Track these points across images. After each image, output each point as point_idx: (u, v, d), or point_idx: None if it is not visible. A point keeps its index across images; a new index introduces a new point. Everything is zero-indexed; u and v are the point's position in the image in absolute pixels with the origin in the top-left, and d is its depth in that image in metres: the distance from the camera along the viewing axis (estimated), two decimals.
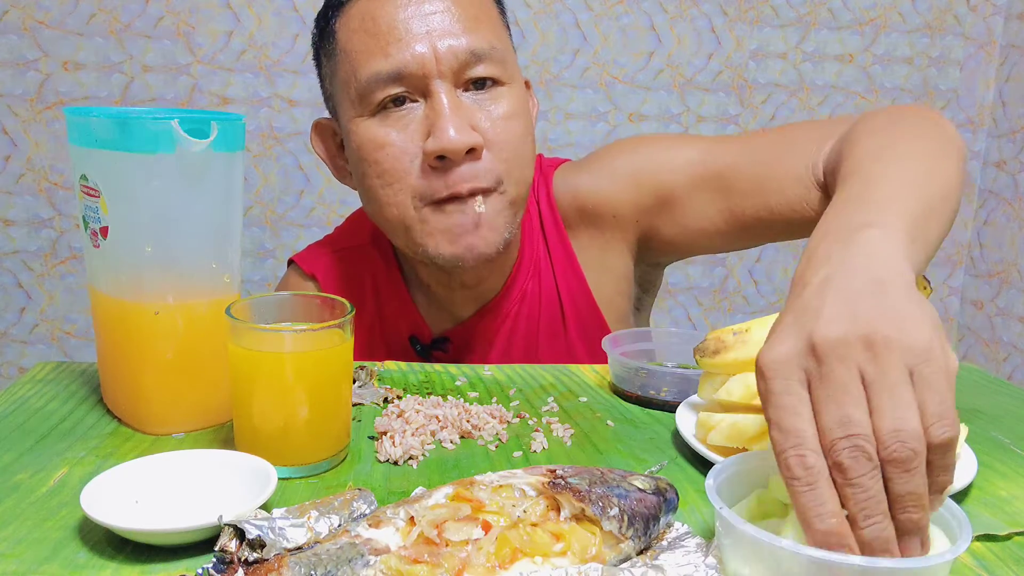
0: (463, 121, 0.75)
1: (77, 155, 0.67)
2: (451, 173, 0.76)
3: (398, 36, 0.74)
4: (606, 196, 0.89)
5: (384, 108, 0.77)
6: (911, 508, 0.43)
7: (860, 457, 0.42)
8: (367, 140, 0.78)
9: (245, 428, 0.63)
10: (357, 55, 0.76)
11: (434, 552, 0.46)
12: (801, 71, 2.14)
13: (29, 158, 1.95)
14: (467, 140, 0.74)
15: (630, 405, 0.80)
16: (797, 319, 0.46)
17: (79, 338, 2.08)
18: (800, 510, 0.43)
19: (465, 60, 0.76)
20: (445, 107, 0.74)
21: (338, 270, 0.93)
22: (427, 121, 0.76)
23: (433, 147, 0.74)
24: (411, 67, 0.75)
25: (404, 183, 0.77)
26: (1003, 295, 2.19)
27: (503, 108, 0.78)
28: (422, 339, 0.91)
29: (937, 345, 0.44)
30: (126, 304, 0.67)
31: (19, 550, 0.51)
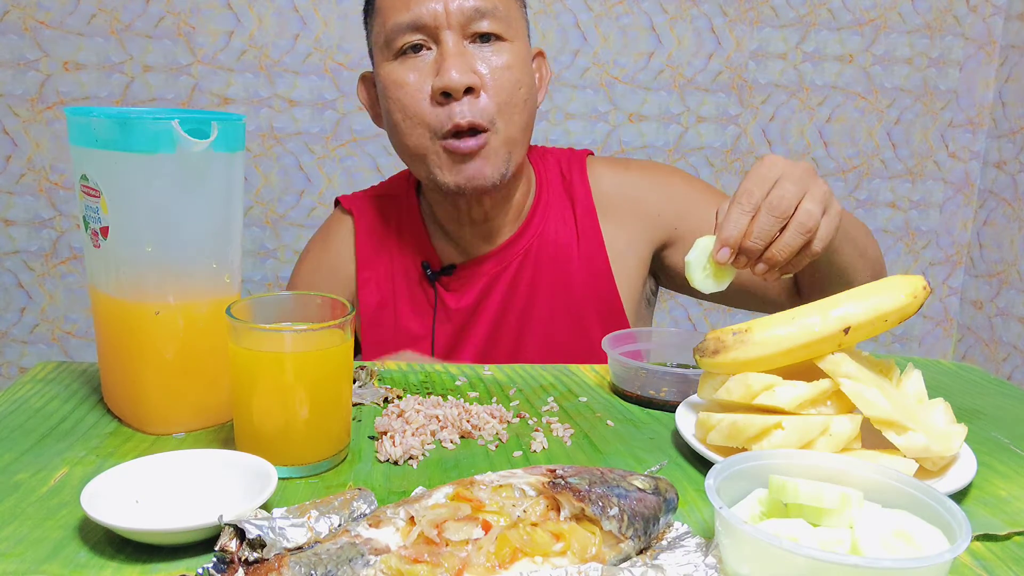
0: (464, 65, 0.89)
1: (77, 155, 0.67)
2: (453, 107, 0.89)
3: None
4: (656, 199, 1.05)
5: (403, 53, 0.92)
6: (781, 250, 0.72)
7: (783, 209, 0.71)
8: (390, 81, 0.92)
9: (245, 428, 0.63)
10: (386, 10, 0.92)
11: (434, 552, 0.46)
12: (801, 71, 2.14)
13: (30, 158, 1.95)
14: (465, 80, 0.88)
15: (630, 405, 0.80)
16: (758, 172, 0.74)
17: (79, 338, 2.08)
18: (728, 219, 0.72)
19: (470, 15, 0.90)
20: (450, 51, 0.89)
21: (371, 211, 1.09)
22: (436, 64, 0.90)
23: (438, 84, 0.89)
24: (425, 18, 0.89)
25: (418, 116, 0.91)
26: (1003, 295, 2.19)
27: (502, 59, 0.92)
28: (432, 267, 1.05)
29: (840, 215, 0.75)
30: (126, 304, 0.67)
31: (19, 550, 0.51)
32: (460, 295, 1.04)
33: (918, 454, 0.60)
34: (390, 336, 1.05)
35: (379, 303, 1.06)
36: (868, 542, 0.48)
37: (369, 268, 1.06)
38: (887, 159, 2.23)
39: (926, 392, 0.68)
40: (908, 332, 2.37)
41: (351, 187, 2.04)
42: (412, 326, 1.05)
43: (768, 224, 0.71)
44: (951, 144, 2.24)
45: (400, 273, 1.06)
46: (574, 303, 1.04)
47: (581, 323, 1.04)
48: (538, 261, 1.03)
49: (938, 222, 2.30)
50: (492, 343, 1.04)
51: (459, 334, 1.04)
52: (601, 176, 1.07)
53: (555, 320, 1.04)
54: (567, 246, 1.04)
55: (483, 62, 0.90)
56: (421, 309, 1.05)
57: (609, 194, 1.06)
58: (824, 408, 0.64)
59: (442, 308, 1.04)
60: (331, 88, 1.99)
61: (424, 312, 1.05)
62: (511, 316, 1.04)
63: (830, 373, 0.64)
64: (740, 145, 2.16)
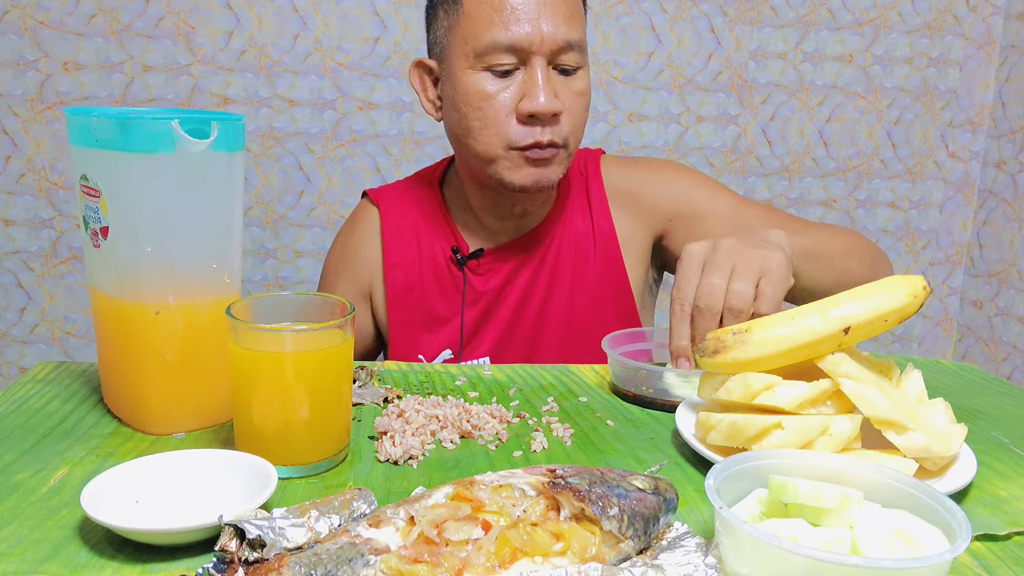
0: (551, 91, 0.97)
1: (77, 155, 0.67)
2: (535, 128, 0.97)
3: (517, 16, 0.96)
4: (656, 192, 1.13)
5: (491, 68, 0.97)
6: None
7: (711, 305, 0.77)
8: (475, 90, 0.98)
9: (245, 428, 0.63)
10: (480, 22, 0.97)
11: (434, 552, 0.46)
12: (801, 71, 2.14)
13: (29, 158, 1.95)
14: (552, 106, 0.96)
15: (630, 405, 0.80)
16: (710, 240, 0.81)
17: (79, 338, 2.08)
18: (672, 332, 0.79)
19: (561, 46, 0.97)
20: (540, 79, 0.96)
21: (397, 201, 1.16)
22: (523, 86, 0.97)
23: (528, 108, 0.96)
24: (523, 43, 0.95)
25: (498, 130, 0.98)
26: (1003, 295, 2.19)
27: (579, 87, 1.01)
28: (461, 252, 1.11)
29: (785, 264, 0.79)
30: (126, 304, 0.67)
31: (19, 550, 0.51)
32: (487, 277, 1.11)
33: (918, 454, 0.60)
34: (417, 315, 1.11)
35: (406, 284, 1.11)
36: (868, 542, 0.48)
37: (396, 252, 1.12)
38: (887, 159, 2.23)
39: (926, 392, 0.68)
40: (908, 332, 2.37)
41: (351, 187, 2.04)
42: (439, 307, 1.11)
43: (706, 323, 0.77)
44: (951, 144, 2.24)
45: (427, 257, 1.12)
46: (590, 288, 1.11)
47: (596, 305, 1.12)
48: (560, 249, 1.11)
49: (938, 222, 2.30)
50: (515, 324, 1.10)
51: (485, 315, 1.10)
52: (611, 172, 1.16)
53: (574, 303, 1.11)
54: (584, 236, 1.12)
55: (564, 88, 0.99)
56: (448, 291, 1.11)
57: (618, 188, 1.14)
58: (824, 408, 0.64)
59: (470, 290, 1.10)
60: (331, 88, 1.99)
61: (451, 295, 1.11)
62: (534, 299, 1.10)
63: (830, 373, 0.63)
64: (740, 145, 2.16)
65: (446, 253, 1.12)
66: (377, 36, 1.97)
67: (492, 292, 1.10)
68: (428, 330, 1.11)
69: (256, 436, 0.62)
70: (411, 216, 1.14)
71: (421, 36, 1.98)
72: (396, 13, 1.96)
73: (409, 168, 2.05)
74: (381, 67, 1.99)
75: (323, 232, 2.07)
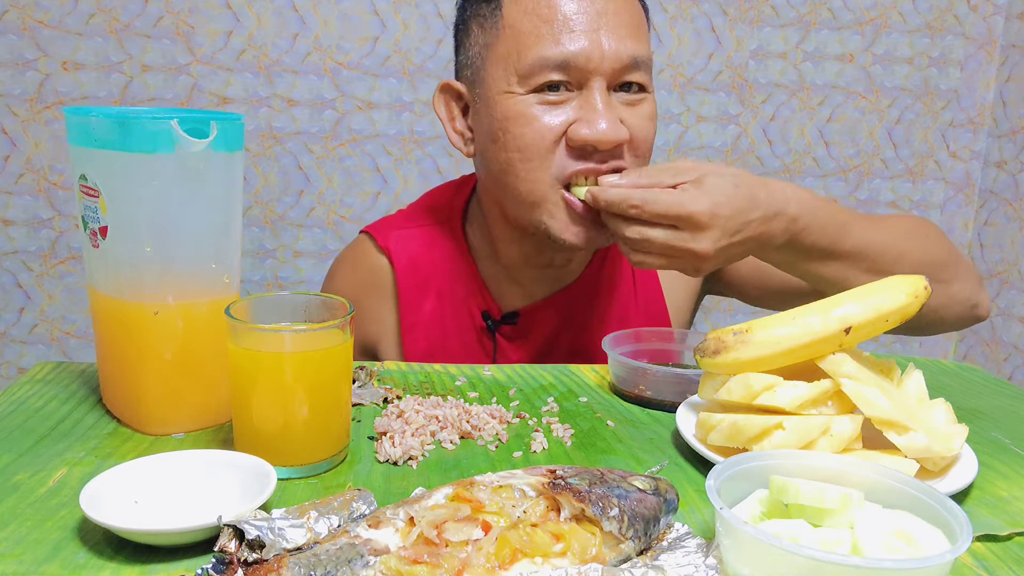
0: (615, 116, 0.80)
1: (76, 155, 0.67)
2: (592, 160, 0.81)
3: (571, 27, 0.79)
4: None
5: (539, 90, 0.81)
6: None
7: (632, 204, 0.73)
8: (516, 113, 0.81)
9: (245, 428, 0.63)
10: (526, 35, 0.80)
11: (434, 553, 0.46)
12: (801, 71, 2.14)
13: (28, 158, 1.95)
14: (618, 135, 0.79)
15: (630, 405, 0.80)
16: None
17: (78, 338, 2.07)
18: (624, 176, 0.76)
19: (626, 64, 0.80)
20: (599, 103, 0.79)
21: (412, 247, 0.97)
22: (578, 111, 0.80)
23: (586, 135, 0.79)
24: (578, 60, 0.79)
25: (544, 161, 0.81)
26: (1003, 295, 2.18)
27: (646, 110, 0.84)
28: (492, 315, 0.95)
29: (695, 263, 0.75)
30: (126, 304, 0.67)
31: (19, 550, 0.51)
32: (523, 344, 0.95)
33: (919, 454, 0.60)
34: None
35: (428, 350, 0.95)
36: (869, 542, 0.48)
37: (414, 313, 0.95)
38: (888, 159, 2.23)
39: (927, 392, 0.67)
40: None
41: (351, 187, 2.04)
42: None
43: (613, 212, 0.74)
44: (952, 144, 2.24)
45: (451, 318, 0.95)
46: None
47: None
48: (604, 300, 0.97)
49: (939, 222, 2.29)
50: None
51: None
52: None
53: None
54: (625, 277, 0.98)
55: (630, 114, 0.82)
56: (475, 358, 0.96)
57: None
58: (825, 408, 0.64)
59: (502, 359, 0.95)
60: (330, 88, 1.98)
61: (479, 361, 0.95)
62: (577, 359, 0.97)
63: (831, 373, 0.63)
64: (740, 145, 2.16)
65: (474, 317, 0.94)
66: (377, 36, 1.97)
67: (527, 360, 0.95)
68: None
69: (255, 436, 0.62)
70: (430, 266, 0.95)
71: (421, 36, 1.99)
72: (396, 13, 1.96)
73: (409, 168, 2.05)
74: (381, 67, 1.99)
75: (323, 232, 2.07)
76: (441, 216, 0.98)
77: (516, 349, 0.96)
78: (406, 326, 0.95)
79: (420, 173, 2.06)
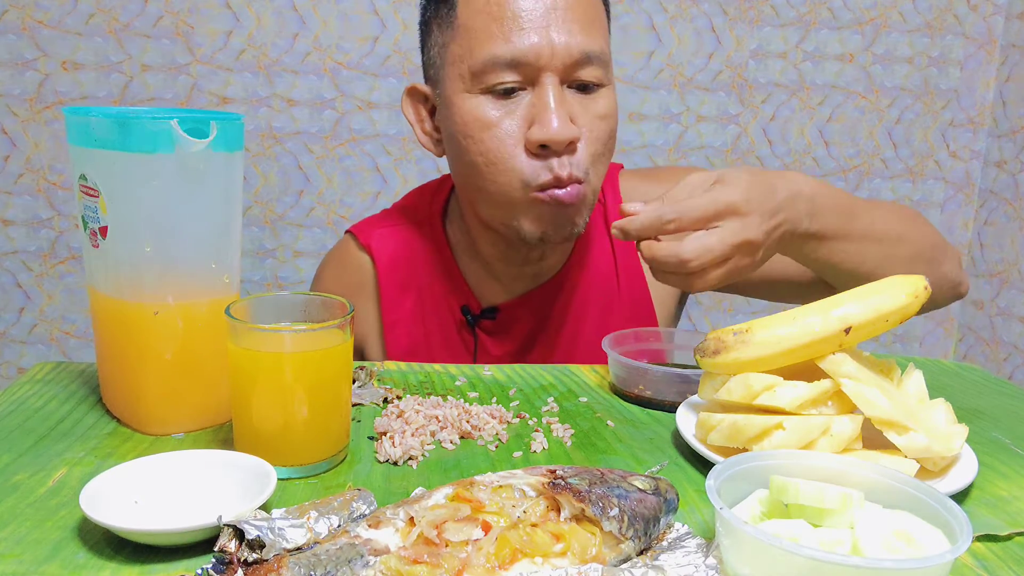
0: (565, 114, 0.80)
1: (76, 155, 0.67)
2: (551, 161, 0.81)
3: (520, 25, 0.79)
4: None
5: (492, 90, 0.82)
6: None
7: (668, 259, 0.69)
8: (473, 118, 0.82)
9: (245, 428, 0.63)
10: (477, 34, 0.81)
11: (434, 552, 0.46)
12: (801, 71, 2.14)
13: (28, 158, 1.95)
14: (568, 133, 0.80)
15: (630, 405, 0.80)
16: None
17: (78, 338, 2.07)
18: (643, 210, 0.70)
19: (577, 59, 0.81)
20: (551, 100, 0.80)
21: (392, 244, 0.98)
22: (532, 109, 0.81)
23: (538, 136, 0.80)
24: (528, 56, 0.79)
25: (507, 165, 0.82)
26: (1003, 295, 2.18)
27: (600, 108, 0.84)
28: (472, 310, 0.96)
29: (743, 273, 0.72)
30: (125, 304, 0.67)
31: (18, 550, 0.51)
32: (503, 339, 0.96)
33: (919, 454, 0.60)
34: None
35: (409, 347, 0.96)
36: (869, 542, 0.48)
37: (395, 310, 0.96)
38: (888, 158, 2.23)
39: (927, 392, 0.67)
40: (909, 332, 2.37)
41: (350, 187, 2.04)
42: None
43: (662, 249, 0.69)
44: (952, 143, 2.24)
45: (432, 314, 0.97)
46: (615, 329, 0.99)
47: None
48: (585, 294, 0.97)
49: (939, 222, 2.29)
50: None
51: None
52: (632, 192, 1.01)
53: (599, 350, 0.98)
54: (608, 274, 0.98)
55: (582, 111, 0.83)
56: (458, 354, 0.97)
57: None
58: (825, 408, 0.64)
59: (483, 354, 0.96)
60: (330, 88, 1.98)
61: (461, 358, 0.97)
62: (557, 356, 0.97)
63: (831, 373, 0.63)
64: (740, 144, 2.16)
65: (454, 312, 0.96)
66: (376, 35, 1.97)
67: (508, 356, 0.96)
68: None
69: (255, 436, 0.62)
70: (411, 265, 0.97)
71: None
72: (395, 12, 1.96)
73: (409, 168, 2.05)
74: (380, 66, 1.99)
75: (323, 232, 2.07)
76: (422, 215, 1.00)
77: (496, 344, 0.96)
78: (388, 323, 0.96)
79: (420, 173, 2.06)
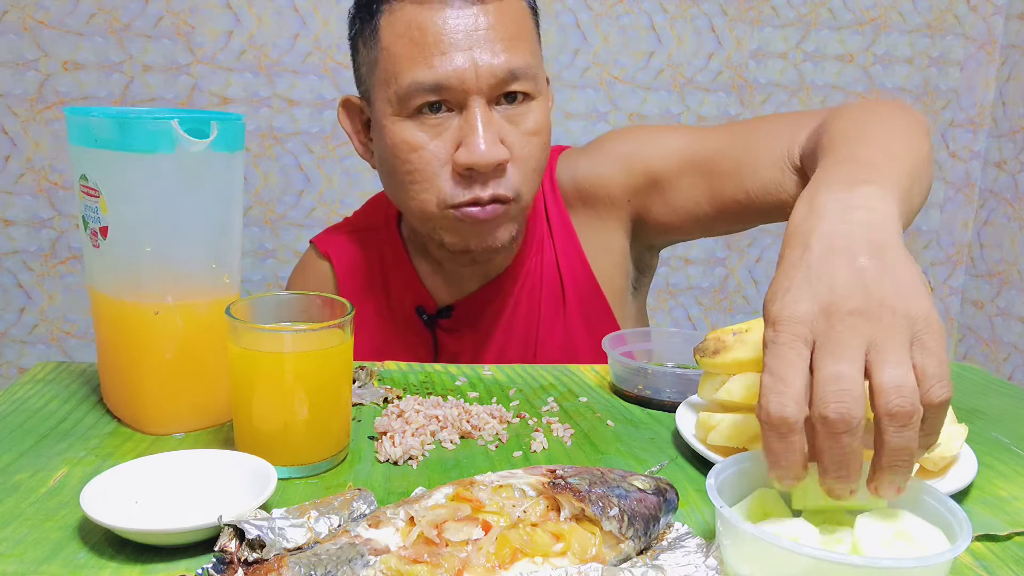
0: (494, 136, 0.80)
1: (77, 155, 0.67)
2: (476, 183, 0.81)
3: (442, 49, 0.78)
4: (601, 177, 0.95)
5: (420, 113, 0.81)
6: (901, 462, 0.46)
7: (846, 414, 0.44)
8: (401, 141, 0.82)
9: (245, 428, 0.63)
10: (400, 59, 0.80)
11: (434, 552, 0.46)
12: (801, 71, 2.14)
13: (29, 158, 1.95)
14: (496, 156, 0.79)
15: (630, 405, 0.80)
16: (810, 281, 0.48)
17: (79, 338, 2.08)
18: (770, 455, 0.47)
19: (503, 78, 0.80)
20: (478, 123, 0.79)
21: (350, 250, 1.00)
22: (459, 132, 0.80)
23: (465, 160, 0.79)
24: (452, 81, 0.78)
25: (431, 184, 0.82)
26: (1003, 295, 2.18)
27: (530, 124, 0.83)
28: (427, 310, 0.97)
29: (934, 314, 0.47)
30: (126, 304, 0.67)
31: (19, 550, 0.51)
32: (460, 336, 0.97)
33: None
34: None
35: (372, 349, 0.97)
36: (869, 542, 0.48)
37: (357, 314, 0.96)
38: None
39: None
40: None
41: (351, 187, 2.04)
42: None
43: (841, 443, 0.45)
44: (952, 144, 2.24)
45: (390, 316, 0.98)
46: (567, 321, 0.98)
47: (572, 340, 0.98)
48: (533, 286, 0.98)
49: (939, 222, 2.29)
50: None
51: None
52: (562, 174, 0.99)
53: (552, 342, 0.98)
54: (551, 265, 0.98)
55: (511, 127, 0.82)
56: (419, 354, 0.98)
57: (568, 190, 0.98)
58: None
59: (444, 352, 0.97)
60: (330, 88, 1.99)
61: (424, 358, 0.98)
62: (513, 347, 0.98)
63: None
64: None
65: (410, 311, 0.97)
66: None
67: (467, 352, 0.97)
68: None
69: (256, 436, 0.62)
70: (368, 268, 0.98)
71: None
72: None
73: None
74: None
75: None
76: (378, 220, 1.01)
77: (455, 341, 0.97)
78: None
79: None
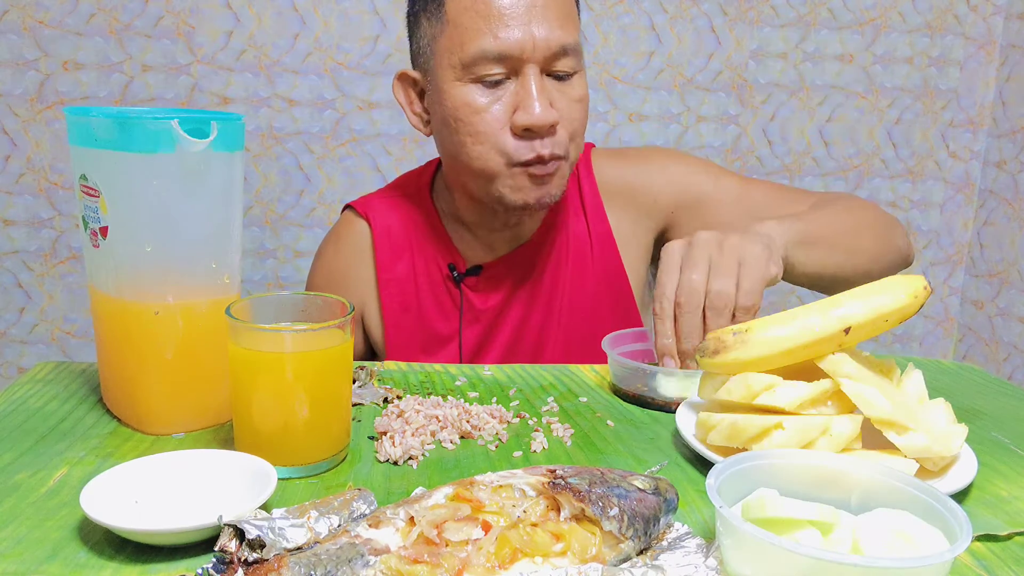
0: (546, 101, 0.91)
1: (77, 155, 0.67)
2: (534, 142, 0.92)
3: (505, 22, 0.89)
4: (654, 185, 1.09)
5: (481, 80, 0.91)
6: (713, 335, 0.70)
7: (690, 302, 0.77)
8: (464, 103, 0.92)
9: (245, 428, 0.63)
10: (466, 30, 0.90)
11: (434, 552, 0.46)
12: (801, 71, 2.14)
13: (29, 158, 1.95)
14: (549, 118, 0.90)
15: (630, 405, 0.80)
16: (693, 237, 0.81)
17: (79, 338, 2.07)
18: (656, 331, 0.80)
19: (556, 52, 0.91)
20: (533, 88, 0.90)
21: (386, 212, 1.10)
22: (516, 97, 0.91)
23: (524, 121, 0.90)
24: (513, 51, 0.89)
25: (494, 144, 0.92)
26: (1003, 295, 2.18)
27: (576, 93, 0.95)
28: (458, 268, 1.06)
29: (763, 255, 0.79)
30: (126, 304, 0.67)
31: (19, 550, 0.51)
32: (487, 295, 1.06)
33: (919, 454, 0.60)
34: (416, 336, 1.06)
35: (402, 305, 1.06)
36: (869, 542, 0.48)
37: (389, 270, 1.06)
38: (887, 159, 2.23)
39: (927, 392, 0.67)
40: (909, 332, 2.37)
41: (351, 187, 2.04)
42: (438, 327, 1.06)
43: (688, 320, 0.77)
44: (951, 144, 2.24)
45: (423, 274, 1.07)
46: (589, 294, 1.07)
47: (596, 312, 1.07)
48: (559, 257, 1.07)
49: (939, 222, 2.29)
50: (517, 341, 1.06)
51: (485, 334, 1.06)
52: (604, 168, 1.11)
53: (575, 311, 1.07)
54: (581, 239, 1.08)
55: (560, 96, 0.93)
56: (446, 310, 1.06)
57: (611, 184, 1.10)
58: (824, 408, 0.64)
59: (469, 309, 1.06)
60: (331, 88, 1.99)
61: (450, 313, 1.06)
62: (535, 314, 1.06)
63: (830, 373, 0.63)
64: (740, 145, 2.16)
65: (442, 270, 1.06)
66: (377, 35, 1.97)
67: (492, 311, 1.05)
68: (426, 351, 1.06)
69: (256, 436, 0.62)
70: (403, 230, 1.08)
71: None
72: (396, 12, 1.96)
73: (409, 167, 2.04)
74: (381, 66, 1.99)
75: (323, 232, 2.06)
76: (411, 189, 1.12)
77: (480, 298, 1.06)
78: (382, 282, 1.06)
79: None
